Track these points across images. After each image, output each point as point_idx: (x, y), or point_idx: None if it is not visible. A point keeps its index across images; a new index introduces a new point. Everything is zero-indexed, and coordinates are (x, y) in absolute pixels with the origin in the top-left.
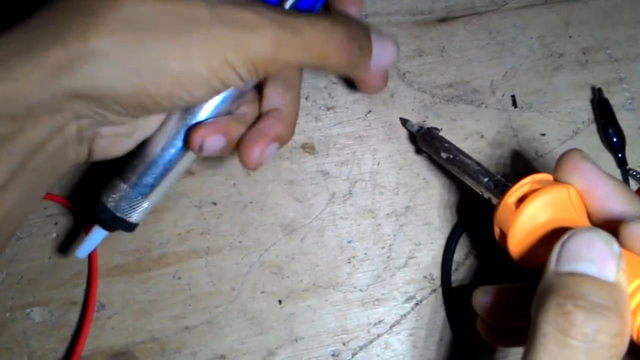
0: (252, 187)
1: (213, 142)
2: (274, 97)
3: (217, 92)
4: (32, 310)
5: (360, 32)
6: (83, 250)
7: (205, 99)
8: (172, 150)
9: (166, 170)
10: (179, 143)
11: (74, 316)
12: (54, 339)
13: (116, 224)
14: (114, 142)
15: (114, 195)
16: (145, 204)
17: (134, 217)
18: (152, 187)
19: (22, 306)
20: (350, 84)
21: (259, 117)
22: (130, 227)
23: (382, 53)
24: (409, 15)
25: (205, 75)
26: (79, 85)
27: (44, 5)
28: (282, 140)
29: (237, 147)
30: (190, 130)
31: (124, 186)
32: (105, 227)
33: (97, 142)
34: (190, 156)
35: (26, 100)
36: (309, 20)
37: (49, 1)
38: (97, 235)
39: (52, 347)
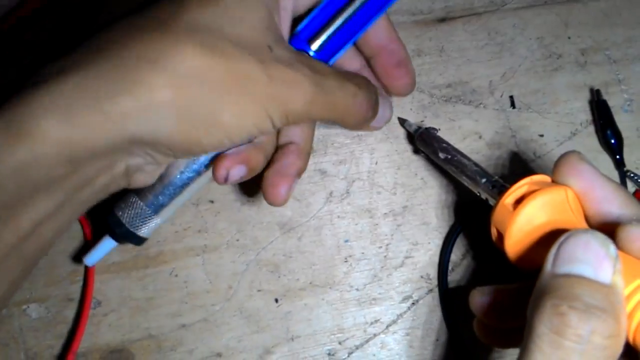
0: (250, 185)
1: (236, 172)
2: (292, 128)
3: (253, 138)
4: (28, 307)
5: (375, 97)
6: (92, 258)
7: (241, 144)
8: (190, 174)
9: (181, 191)
10: (196, 166)
11: (70, 313)
12: (51, 335)
13: (127, 237)
14: (150, 174)
15: (128, 211)
16: (157, 220)
17: (144, 232)
18: (166, 205)
19: (18, 302)
20: None
21: (278, 149)
22: (139, 240)
23: (381, 115)
24: (408, 15)
25: (250, 127)
26: (141, 133)
27: (103, 47)
28: (301, 173)
29: (262, 187)
30: (215, 162)
31: (139, 203)
32: (116, 239)
33: (136, 175)
34: (205, 178)
35: (89, 145)
36: (340, 82)
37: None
38: (106, 244)
39: (48, 343)
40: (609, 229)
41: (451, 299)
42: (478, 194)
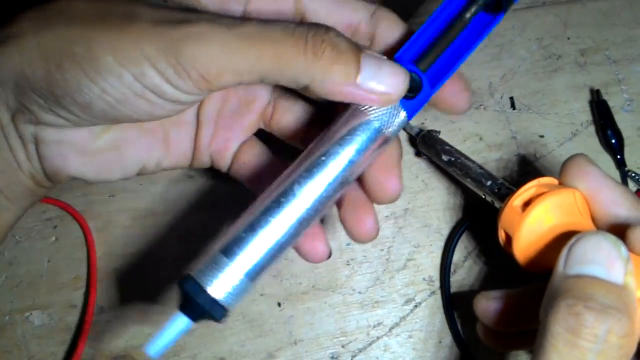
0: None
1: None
2: None
3: None
4: (31, 314)
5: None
6: (156, 346)
7: None
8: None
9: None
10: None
11: (73, 320)
12: (54, 342)
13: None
14: None
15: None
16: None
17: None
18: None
19: (21, 310)
20: None
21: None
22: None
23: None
24: (406, 17)
25: None
26: None
27: None
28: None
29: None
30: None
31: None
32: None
33: None
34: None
35: None
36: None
37: None
38: (177, 325)
39: (51, 350)
40: (617, 231)
41: (454, 301)
42: (483, 197)
